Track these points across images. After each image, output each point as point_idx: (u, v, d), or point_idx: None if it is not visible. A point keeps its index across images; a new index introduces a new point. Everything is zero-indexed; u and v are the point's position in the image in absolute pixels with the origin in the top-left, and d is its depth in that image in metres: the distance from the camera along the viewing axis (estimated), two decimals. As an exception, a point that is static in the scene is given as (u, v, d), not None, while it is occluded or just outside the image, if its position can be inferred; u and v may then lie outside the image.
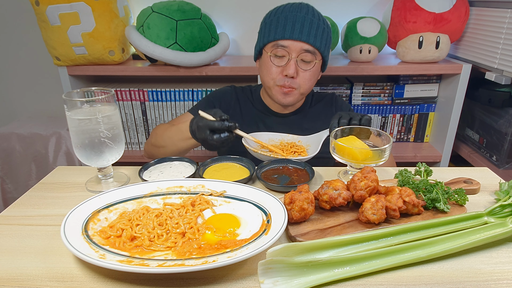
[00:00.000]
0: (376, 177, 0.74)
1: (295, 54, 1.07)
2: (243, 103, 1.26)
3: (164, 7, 1.50)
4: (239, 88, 1.30)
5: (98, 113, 0.79)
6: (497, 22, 1.43)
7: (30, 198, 0.83)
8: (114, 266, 0.56)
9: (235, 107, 1.25)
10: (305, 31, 1.06)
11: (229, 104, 1.25)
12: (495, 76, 1.45)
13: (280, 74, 1.10)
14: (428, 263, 0.61)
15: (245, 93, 1.28)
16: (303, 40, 1.06)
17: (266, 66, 1.12)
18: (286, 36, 1.06)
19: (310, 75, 1.11)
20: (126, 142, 1.83)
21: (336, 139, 0.87)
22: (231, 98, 1.26)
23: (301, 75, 1.10)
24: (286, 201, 0.70)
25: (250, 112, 1.25)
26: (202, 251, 0.61)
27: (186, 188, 0.80)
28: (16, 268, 0.61)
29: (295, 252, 0.58)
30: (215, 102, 1.25)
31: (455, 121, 1.67)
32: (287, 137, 1.10)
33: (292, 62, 1.08)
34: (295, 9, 1.08)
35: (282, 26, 1.07)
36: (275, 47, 1.09)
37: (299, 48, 1.07)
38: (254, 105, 1.26)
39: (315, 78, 1.15)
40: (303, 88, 1.12)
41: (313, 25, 1.07)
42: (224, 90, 1.29)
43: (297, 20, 1.06)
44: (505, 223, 0.66)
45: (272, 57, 1.10)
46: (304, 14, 1.07)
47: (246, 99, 1.27)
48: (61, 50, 1.53)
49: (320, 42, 1.08)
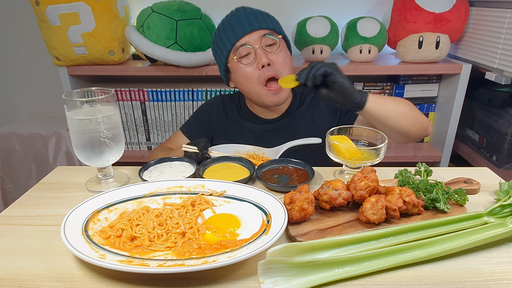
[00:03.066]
0: (376, 177, 0.74)
1: (257, 44, 1.07)
2: (230, 112, 1.26)
3: (164, 7, 1.50)
4: (227, 97, 1.30)
5: (98, 113, 0.79)
6: (497, 22, 1.43)
7: (30, 198, 0.83)
8: (114, 266, 0.56)
9: (223, 119, 1.26)
10: (252, 21, 1.07)
11: (217, 117, 1.26)
12: (495, 76, 1.45)
13: (256, 70, 1.08)
14: (428, 263, 0.61)
15: (233, 101, 1.28)
16: (255, 28, 1.06)
17: (241, 72, 1.10)
18: (239, 35, 1.06)
19: (283, 55, 1.10)
20: (126, 142, 1.83)
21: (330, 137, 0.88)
22: (219, 110, 1.27)
23: (276, 59, 1.08)
24: (286, 201, 0.70)
25: (237, 121, 1.24)
26: (202, 251, 0.61)
27: (186, 188, 0.80)
28: (16, 268, 0.61)
29: (295, 252, 0.58)
30: (203, 117, 1.27)
31: (455, 121, 1.67)
32: (253, 149, 1.12)
33: (259, 51, 1.07)
34: (233, 13, 1.11)
35: (230, 30, 1.08)
36: (236, 50, 1.08)
37: (257, 37, 1.07)
38: (241, 113, 1.25)
39: (289, 58, 1.13)
40: (285, 73, 1.09)
41: (255, 13, 1.09)
42: (212, 102, 1.29)
43: (240, 17, 1.08)
44: (505, 223, 0.66)
45: (239, 60, 1.09)
46: (242, 12, 1.09)
47: (234, 107, 1.27)
48: (61, 50, 1.53)
49: (271, 23, 1.09)
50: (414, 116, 1.00)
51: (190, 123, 1.30)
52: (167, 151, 1.20)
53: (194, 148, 1.01)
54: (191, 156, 1.01)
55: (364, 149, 0.86)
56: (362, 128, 0.94)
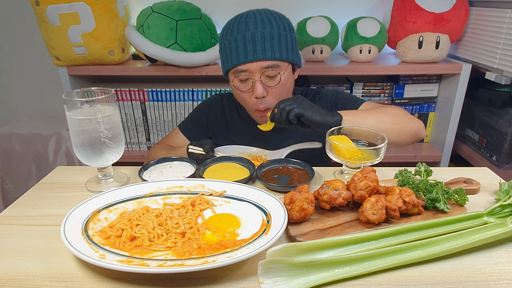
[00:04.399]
0: (376, 177, 0.74)
1: (257, 75, 1.02)
2: (228, 112, 1.26)
3: (164, 7, 1.50)
4: (226, 96, 1.29)
5: (98, 113, 0.79)
6: (497, 22, 1.43)
7: (30, 198, 0.83)
8: (114, 266, 0.56)
9: (221, 119, 1.25)
10: (258, 49, 1.00)
11: (215, 116, 1.25)
12: (495, 76, 1.45)
13: (251, 97, 1.07)
14: (428, 263, 0.61)
15: (232, 101, 1.27)
16: (260, 58, 1.00)
17: (236, 93, 1.10)
18: (241, 61, 1.01)
19: (281, 89, 1.07)
20: (126, 142, 1.83)
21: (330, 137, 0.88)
22: (217, 110, 1.26)
23: (272, 92, 1.06)
24: (286, 201, 0.70)
25: (236, 122, 1.24)
26: (202, 251, 0.61)
27: (186, 188, 0.80)
28: (16, 268, 0.61)
29: (295, 252, 0.58)
30: (201, 116, 1.26)
31: (455, 121, 1.67)
32: (255, 151, 1.11)
33: (257, 83, 1.03)
34: (243, 27, 1.01)
35: (234, 51, 1.02)
36: (236, 73, 1.05)
37: (259, 68, 1.01)
38: (240, 113, 1.25)
39: (288, 86, 1.10)
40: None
41: (266, 38, 1.00)
42: (210, 101, 1.29)
43: (247, 40, 1.00)
44: (505, 223, 0.66)
45: (237, 83, 1.07)
46: (253, 30, 1.00)
47: (233, 106, 1.26)
48: (61, 50, 1.53)
49: (279, 52, 1.02)
50: (397, 128, 1.01)
51: (188, 122, 1.29)
52: (168, 150, 1.19)
53: (200, 149, 1.01)
54: (198, 158, 1.00)
55: (364, 149, 0.86)
56: (362, 128, 0.94)
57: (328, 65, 1.61)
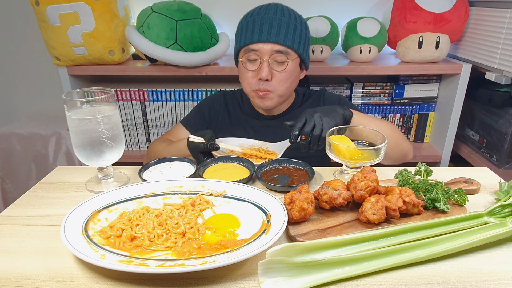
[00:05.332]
0: (376, 177, 0.74)
1: (266, 56, 1.07)
2: (231, 108, 1.27)
3: (164, 7, 1.50)
4: (229, 93, 1.31)
5: (98, 113, 0.79)
6: (497, 22, 1.43)
7: (30, 198, 0.83)
8: (114, 266, 0.56)
9: (224, 114, 1.26)
10: (273, 31, 1.05)
11: (218, 112, 1.27)
12: (495, 76, 1.45)
13: (254, 78, 1.10)
14: (428, 263, 0.61)
15: (235, 98, 1.29)
16: (272, 41, 1.05)
17: (241, 72, 1.13)
18: (254, 40, 1.06)
19: (286, 76, 1.10)
20: (126, 142, 1.83)
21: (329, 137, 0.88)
22: (220, 106, 1.27)
23: (276, 77, 1.09)
24: (286, 201, 0.70)
25: (239, 117, 1.25)
26: (202, 251, 0.61)
27: (186, 188, 0.80)
28: (16, 268, 0.61)
29: (295, 252, 0.58)
30: (204, 111, 1.27)
31: (455, 121, 1.67)
32: (257, 143, 1.11)
33: (265, 64, 1.07)
34: (263, 11, 1.08)
35: (250, 30, 1.07)
36: (246, 52, 1.09)
37: (270, 50, 1.06)
38: (243, 109, 1.26)
39: (293, 78, 1.13)
40: (279, 90, 1.11)
41: (282, 24, 1.06)
42: (213, 97, 1.30)
43: (265, 22, 1.05)
44: (505, 223, 0.66)
45: (245, 62, 1.10)
46: (272, 15, 1.06)
47: (236, 103, 1.28)
48: (61, 50, 1.52)
49: (292, 40, 1.07)
50: (393, 142, 1.03)
51: (191, 117, 1.29)
52: (167, 143, 1.19)
53: (200, 139, 1.00)
54: (198, 146, 0.99)
55: (364, 149, 0.86)
56: (362, 128, 0.94)
57: (328, 65, 1.61)
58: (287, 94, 1.15)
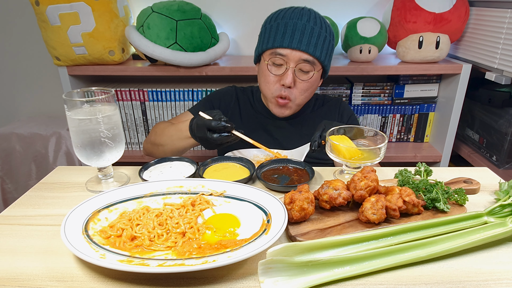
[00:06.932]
0: (376, 177, 0.74)
1: (293, 64, 1.05)
2: (242, 104, 1.26)
3: (164, 7, 1.50)
4: (240, 89, 1.29)
5: (98, 113, 0.79)
6: (497, 22, 1.43)
7: (30, 198, 0.83)
8: (114, 266, 0.56)
9: (234, 108, 1.25)
10: (304, 40, 1.03)
11: (228, 105, 1.25)
12: (495, 76, 1.45)
13: (277, 83, 1.08)
14: (428, 263, 0.61)
15: (246, 94, 1.27)
16: (302, 49, 1.03)
17: (264, 74, 1.10)
18: (284, 45, 1.03)
19: (308, 86, 1.09)
20: (126, 142, 1.83)
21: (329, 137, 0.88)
22: (231, 99, 1.26)
23: (299, 86, 1.08)
24: (286, 201, 0.70)
25: (250, 114, 1.24)
26: (202, 251, 0.61)
27: (186, 188, 0.80)
28: (16, 268, 0.61)
29: (295, 252, 0.58)
30: (214, 102, 1.25)
31: (455, 121, 1.67)
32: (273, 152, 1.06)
33: (290, 71, 1.05)
34: (296, 16, 1.05)
35: (281, 33, 1.04)
36: (273, 55, 1.06)
37: (298, 58, 1.04)
38: (254, 107, 1.25)
39: (313, 88, 1.12)
40: (299, 99, 1.10)
41: (314, 33, 1.04)
42: (225, 90, 1.29)
43: (297, 28, 1.03)
44: (505, 223, 0.66)
45: (270, 65, 1.08)
46: (305, 22, 1.03)
47: (247, 100, 1.26)
48: (61, 50, 1.53)
49: (320, 51, 1.05)
50: None
51: (200, 105, 1.26)
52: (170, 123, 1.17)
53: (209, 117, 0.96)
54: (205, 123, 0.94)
55: (364, 149, 0.86)
56: (362, 128, 0.94)
57: (328, 65, 1.61)
58: (303, 103, 1.15)
